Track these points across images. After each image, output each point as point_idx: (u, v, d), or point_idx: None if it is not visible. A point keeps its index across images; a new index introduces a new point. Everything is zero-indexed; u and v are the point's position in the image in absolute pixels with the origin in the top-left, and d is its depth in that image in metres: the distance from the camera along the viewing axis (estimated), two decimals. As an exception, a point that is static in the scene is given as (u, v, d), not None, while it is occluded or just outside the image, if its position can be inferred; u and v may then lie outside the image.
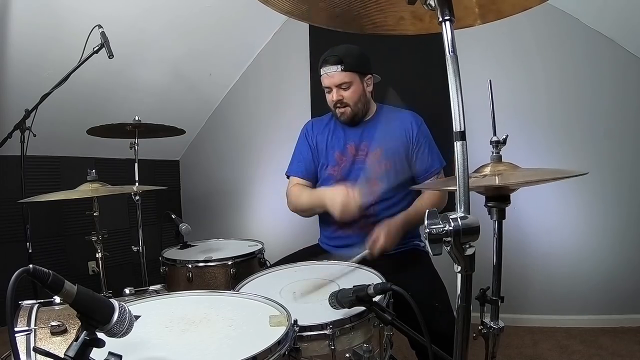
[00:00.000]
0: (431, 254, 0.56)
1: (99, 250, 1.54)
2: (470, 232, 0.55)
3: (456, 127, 0.57)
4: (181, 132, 1.95)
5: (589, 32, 2.19)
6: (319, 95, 1.46)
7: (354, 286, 0.90)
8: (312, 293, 1.08)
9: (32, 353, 0.82)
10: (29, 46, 2.02)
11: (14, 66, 2.06)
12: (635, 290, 2.17)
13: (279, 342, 0.73)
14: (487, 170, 0.88)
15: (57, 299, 1.03)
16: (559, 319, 2.28)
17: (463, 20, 0.76)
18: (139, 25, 2.32)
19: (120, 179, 1.89)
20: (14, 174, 2.03)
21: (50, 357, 0.60)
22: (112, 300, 0.64)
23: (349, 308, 0.90)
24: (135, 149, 1.85)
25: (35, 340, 0.87)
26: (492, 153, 0.89)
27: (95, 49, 1.80)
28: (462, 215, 0.55)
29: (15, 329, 0.87)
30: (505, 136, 0.89)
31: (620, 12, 2.05)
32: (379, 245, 1.33)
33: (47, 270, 0.58)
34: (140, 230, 1.89)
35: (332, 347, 0.86)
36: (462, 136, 0.57)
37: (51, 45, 2.07)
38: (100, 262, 1.55)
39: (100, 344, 0.60)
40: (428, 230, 0.55)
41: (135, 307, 0.95)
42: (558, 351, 2.02)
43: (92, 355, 0.60)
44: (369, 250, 1.34)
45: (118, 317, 0.62)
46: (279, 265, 1.36)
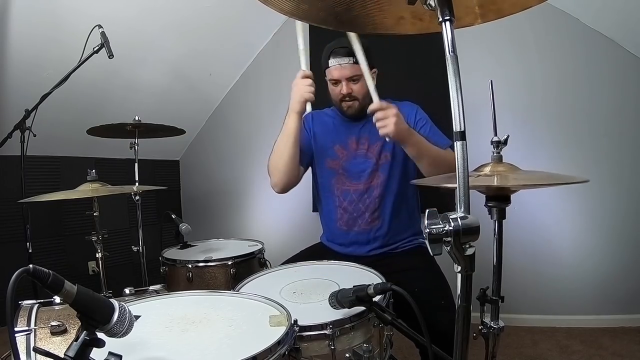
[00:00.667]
0: (431, 253, 0.56)
1: (99, 250, 1.54)
2: (470, 232, 0.55)
3: (456, 127, 0.57)
4: (181, 132, 1.95)
5: (588, 31, 2.19)
6: (318, 95, 1.46)
7: (354, 286, 0.90)
8: (312, 293, 1.08)
9: (32, 353, 0.82)
10: (29, 46, 2.02)
11: (14, 66, 2.06)
12: (635, 290, 2.17)
13: (279, 342, 0.73)
14: (487, 169, 0.88)
15: (57, 299, 1.03)
16: (559, 319, 2.28)
17: (463, 20, 0.76)
18: (139, 25, 2.32)
19: (120, 179, 1.89)
20: (14, 174, 2.03)
21: (51, 357, 0.61)
22: (112, 300, 0.64)
23: (349, 308, 0.90)
24: (135, 149, 1.85)
25: (35, 340, 0.87)
26: (493, 153, 0.89)
27: (95, 49, 1.81)
28: (462, 215, 0.55)
29: (15, 329, 0.87)
30: (506, 136, 0.88)
31: (619, 12, 2.05)
32: (389, 112, 1.29)
33: (47, 270, 0.58)
34: (140, 230, 1.89)
35: (332, 347, 0.86)
36: (462, 136, 0.57)
37: (51, 45, 2.07)
38: (100, 262, 1.54)
39: (100, 344, 0.60)
40: (428, 230, 0.55)
41: (135, 307, 0.95)
42: (558, 351, 2.02)
43: (92, 355, 0.60)
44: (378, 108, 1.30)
45: (118, 317, 0.63)
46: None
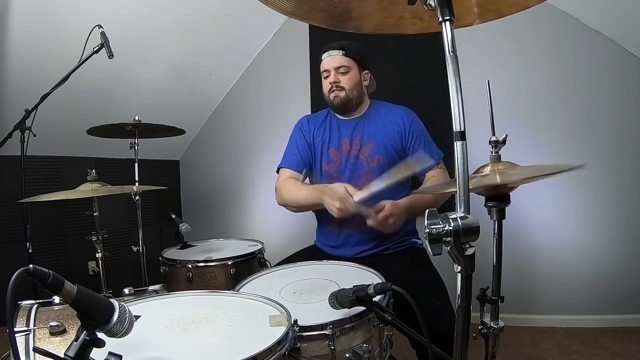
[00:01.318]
0: (431, 254, 0.56)
1: (99, 250, 1.54)
2: (470, 232, 0.55)
3: (456, 127, 0.57)
4: (181, 132, 1.95)
5: (588, 31, 2.19)
6: (319, 95, 1.47)
7: (354, 286, 0.90)
8: (312, 293, 1.08)
9: (32, 353, 0.82)
10: (29, 46, 2.02)
11: (14, 66, 2.06)
12: (635, 290, 2.17)
13: (279, 342, 0.73)
14: (487, 169, 0.88)
15: (57, 299, 1.03)
16: (559, 319, 2.28)
17: (462, 20, 0.76)
18: (139, 25, 2.32)
19: (120, 179, 1.89)
20: (14, 174, 2.03)
21: (51, 357, 0.60)
22: (112, 300, 0.64)
23: (349, 308, 0.90)
24: (135, 149, 1.85)
25: (34, 340, 0.87)
26: (492, 153, 0.89)
27: (95, 49, 1.81)
28: (462, 215, 0.55)
29: (15, 329, 0.87)
30: (504, 136, 0.88)
31: (619, 11, 2.05)
32: (383, 214, 1.31)
33: (47, 270, 0.58)
34: (140, 230, 1.89)
35: (332, 347, 0.85)
36: (462, 136, 0.57)
37: (51, 45, 2.07)
38: (100, 262, 1.55)
39: (100, 344, 0.60)
40: (428, 230, 0.55)
41: (135, 307, 0.95)
42: (558, 351, 2.01)
43: (92, 355, 0.60)
44: (372, 214, 1.31)
45: (118, 317, 0.62)
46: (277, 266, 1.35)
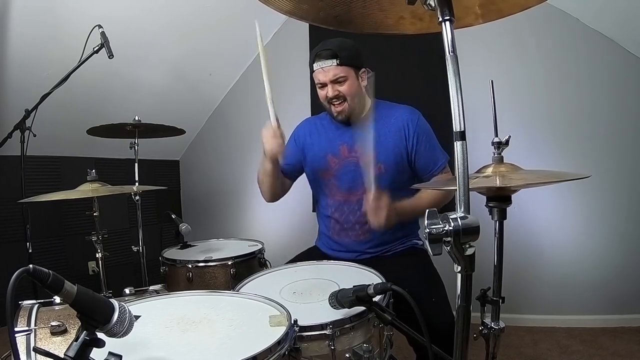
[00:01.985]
0: (431, 254, 0.56)
1: (99, 250, 1.54)
2: (470, 232, 0.55)
3: (456, 127, 0.57)
4: (181, 132, 1.95)
5: (588, 32, 2.19)
6: (317, 98, 1.46)
7: (354, 286, 0.90)
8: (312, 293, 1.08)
9: (32, 353, 0.82)
10: (29, 46, 2.02)
11: (14, 66, 2.06)
12: (635, 290, 2.17)
13: (279, 342, 0.73)
14: (489, 170, 0.88)
15: (57, 299, 1.03)
16: (559, 319, 2.28)
17: (463, 20, 0.76)
18: (139, 25, 2.32)
19: (120, 179, 1.89)
20: (14, 174, 2.03)
21: (51, 357, 0.60)
22: (112, 300, 0.64)
23: (349, 308, 0.90)
24: (135, 149, 1.85)
25: (35, 340, 0.87)
26: (494, 154, 0.89)
27: (95, 49, 1.81)
28: (462, 215, 0.55)
29: (15, 329, 0.87)
30: (507, 137, 0.87)
31: (619, 12, 2.05)
32: (377, 206, 1.32)
33: (47, 270, 0.58)
34: (140, 230, 1.89)
35: (332, 347, 0.85)
36: (462, 136, 0.57)
37: (51, 45, 2.07)
38: (100, 262, 1.55)
39: (100, 344, 0.60)
40: (428, 230, 0.55)
41: (135, 307, 0.95)
42: (558, 351, 2.01)
43: (92, 355, 0.60)
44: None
45: (118, 317, 0.63)
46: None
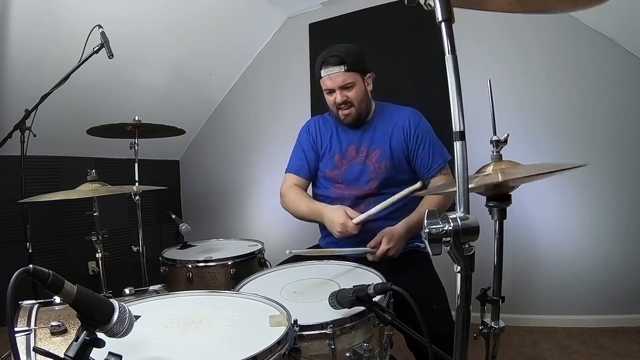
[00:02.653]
0: (431, 254, 0.56)
1: (99, 250, 1.54)
2: (470, 232, 0.55)
3: (456, 127, 0.57)
4: (181, 132, 1.95)
5: (589, 32, 2.19)
6: (319, 95, 1.46)
7: (354, 286, 0.90)
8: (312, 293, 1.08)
9: (32, 353, 0.82)
10: (29, 46, 2.02)
11: (14, 66, 2.06)
12: (635, 290, 2.17)
13: (279, 342, 0.73)
14: (489, 169, 0.88)
15: (57, 299, 1.03)
16: (559, 319, 2.28)
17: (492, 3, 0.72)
18: (139, 26, 2.32)
19: (120, 179, 1.89)
20: (14, 174, 2.03)
21: (50, 357, 0.60)
22: (112, 300, 0.64)
23: (349, 308, 0.90)
24: (135, 149, 1.85)
25: (35, 340, 0.87)
26: (493, 152, 0.89)
27: (95, 49, 1.81)
28: (462, 215, 0.55)
29: (15, 329, 0.87)
30: (506, 135, 0.88)
31: (620, 12, 2.05)
32: (380, 250, 1.33)
33: (47, 270, 0.58)
34: (140, 230, 1.89)
35: (332, 347, 0.85)
36: (462, 136, 0.57)
37: (51, 46, 2.07)
38: (100, 262, 1.55)
39: (100, 344, 0.60)
40: (428, 230, 0.55)
41: (135, 307, 0.95)
42: (558, 351, 2.01)
43: (92, 355, 0.60)
44: (370, 251, 1.34)
45: (118, 317, 0.63)
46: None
